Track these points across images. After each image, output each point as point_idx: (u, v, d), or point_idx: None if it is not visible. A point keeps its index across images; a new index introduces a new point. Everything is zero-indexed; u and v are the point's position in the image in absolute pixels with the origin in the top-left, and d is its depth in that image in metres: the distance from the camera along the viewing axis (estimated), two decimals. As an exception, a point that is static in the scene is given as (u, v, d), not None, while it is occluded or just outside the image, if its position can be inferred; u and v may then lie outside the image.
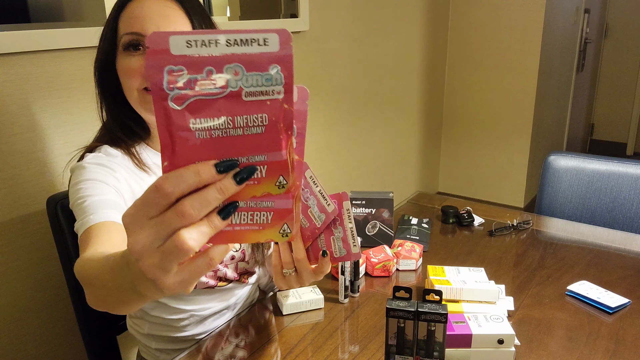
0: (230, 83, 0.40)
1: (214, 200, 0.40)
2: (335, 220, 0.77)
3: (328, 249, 0.78)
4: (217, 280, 1.00)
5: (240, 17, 1.80)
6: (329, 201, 0.76)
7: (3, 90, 1.18)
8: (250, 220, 0.43)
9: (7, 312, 1.25)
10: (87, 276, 0.67)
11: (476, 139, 3.43)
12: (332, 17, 2.26)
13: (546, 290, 1.11)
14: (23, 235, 1.25)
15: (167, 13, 0.88)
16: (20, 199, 1.24)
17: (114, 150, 0.94)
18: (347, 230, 0.77)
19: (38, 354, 1.32)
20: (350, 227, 0.77)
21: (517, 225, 1.42)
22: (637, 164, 1.57)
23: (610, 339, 0.95)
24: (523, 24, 3.08)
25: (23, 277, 1.26)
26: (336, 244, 0.78)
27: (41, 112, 1.25)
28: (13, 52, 1.18)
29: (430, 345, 0.81)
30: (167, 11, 0.88)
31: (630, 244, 1.33)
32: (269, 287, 1.19)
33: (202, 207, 0.40)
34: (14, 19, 1.17)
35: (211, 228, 0.41)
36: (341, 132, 2.49)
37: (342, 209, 0.76)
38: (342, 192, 0.76)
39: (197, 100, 0.40)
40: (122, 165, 0.92)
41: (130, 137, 0.96)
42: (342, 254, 0.78)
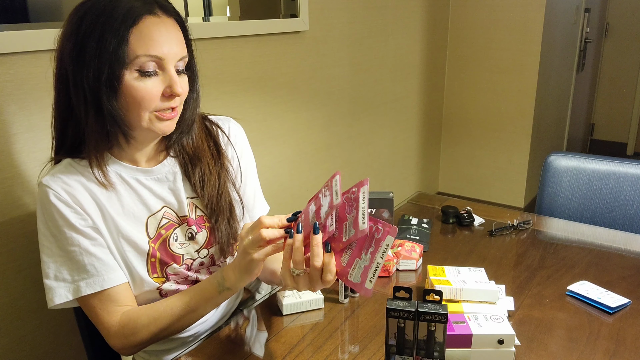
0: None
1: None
2: (370, 247, 0.75)
3: (347, 267, 0.77)
4: (189, 284, 1.01)
5: (240, 17, 1.80)
6: (365, 220, 0.74)
7: (3, 90, 1.18)
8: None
9: (7, 312, 1.25)
10: (162, 322, 0.92)
11: (476, 139, 3.43)
12: (331, 17, 2.26)
13: (546, 291, 1.11)
14: (23, 235, 1.25)
15: (178, 37, 0.89)
16: (20, 199, 1.24)
17: (76, 165, 0.93)
18: (373, 262, 0.75)
19: (38, 354, 1.32)
20: (378, 263, 0.74)
21: (517, 225, 1.42)
22: (637, 164, 1.57)
23: (610, 339, 0.95)
24: (523, 24, 3.08)
25: (23, 277, 1.26)
26: (356, 268, 0.76)
27: (41, 112, 1.25)
28: (13, 52, 1.18)
29: (430, 346, 0.81)
30: (177, 34, 0.89)
31: (631, 244, 1.33)
32: (254, 287, 1.19)
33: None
34: (13, 19, 1.17)
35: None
36: (341, 133, 2.49)
37: (382, 242, 0.74)
38: (393, 227, 0.74)
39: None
40: (83, 185, 0.92)
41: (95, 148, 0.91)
42: (355, 280, 0.76)
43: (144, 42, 0.85)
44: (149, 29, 0.85)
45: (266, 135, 2.04)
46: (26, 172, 1.24)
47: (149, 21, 0.85)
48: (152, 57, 0.85)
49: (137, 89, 0.86)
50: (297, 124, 2.19)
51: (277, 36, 1.98)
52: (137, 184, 0.97)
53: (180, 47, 0.89)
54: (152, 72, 0.86)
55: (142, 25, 0.85)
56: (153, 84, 0.87)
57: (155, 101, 0.88)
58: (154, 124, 0.90)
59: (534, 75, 3.12)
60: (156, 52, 0.85)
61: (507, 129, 3.29)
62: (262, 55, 1.93)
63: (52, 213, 0.90)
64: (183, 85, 0.90)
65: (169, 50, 0.87)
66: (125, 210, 0.96)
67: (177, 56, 0.88)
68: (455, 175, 3.58)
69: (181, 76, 0.91)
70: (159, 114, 0.89)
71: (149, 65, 0.86)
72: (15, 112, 1.21)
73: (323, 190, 0.78)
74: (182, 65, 0.91)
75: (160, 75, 0.88)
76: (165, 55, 0.86)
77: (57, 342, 1.36)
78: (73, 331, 1.38)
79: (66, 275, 0.91)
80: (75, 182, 0.92)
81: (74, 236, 0.90)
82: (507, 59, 3.18)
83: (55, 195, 0.90)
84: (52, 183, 0.90)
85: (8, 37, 1.16)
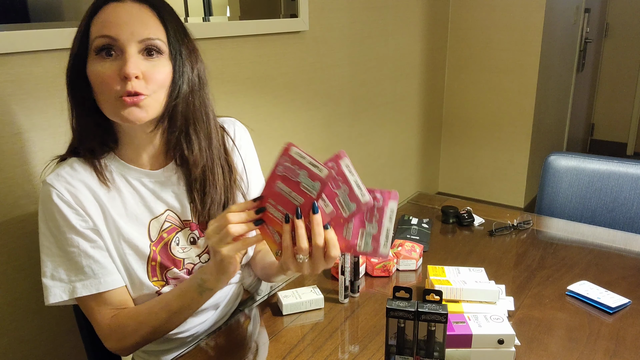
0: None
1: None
2: (373, 215, 0.75)
3: (353, 240, 0.76)
4: None
5: (240, 17, 1.80)
6: (364, 192, 0.73)
7: (4, 90, 1.18)
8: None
9: (7, 312, 1.25)
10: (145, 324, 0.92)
11: (476, 139, 3.43)
12: (331, 17, 2.26)
13: (546, 291, 1.11)
14: (23, 235, 1.25)
15: (142, 19, 0.87)
16: (20, 199, 1.24)
17: (81, 165, 0.93)
18: (382, 229, 0.74)
19: (38, 354, 1.32)
20: (388, 228, 0.74)
21: (517, 225, 1.42)
22: (637, 164, 1.57)
23: (610, 339, 0.95)
24: (523, 24, 3.08)
25: (23, 277, 1.26)
26: (364, 238, 0.76)
27: (41, 112, 1.25)
28: (13, 52, 1.18)
29: (430, 346, 0.81)
30: (142, 17, 0.87)
31: (631, 244, 1.33)
32: (253, 287, 1.19)
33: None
34: (13, 19, 1.17)
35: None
36: (341, 133, 2.49)
37: (386, 208, 0.74)
38: (393, 191, 0.73)
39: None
40: (87, 185, 0.92)
41: (100, 147, 0.94)
42: (368, 250, 0.75)
43: (99, 26, 0.85)
44: (106, 13, 0.86)
45: (266, 136, 2.04)
46: (27, 172, 1.24)
47: (110, 7, 0.86)
48: (104, 37, 0.84)
49: (95, 72, 0.85)
50: (297, 124, 2.19)
51: (277, 36, 1.98)
52: (141, 186, 0.97)
53: (143, 28, 0.86)
54: (108, 53, 0.85)
55: (102, 12, 0.86)
56: (109, 65, 0.85)
57: (114, 84, 0.84)
58: (118, 111, 0.86)
59: (534, 75, 3.12)
60: (108, 31, 0.84)
61: (507, 129, 3.29)
62: (262, 56, 1.93)
63: (53, 213, 0.90)
64: (144, 68, 0.85)
65: (125, 30, 0.84)
66: (128, 212, 0.96)
67: (137, 36, 0.85)
68: (455, 175, 3.58)
69: (148, 60, 0.86)
70: (120, 99, 0.85)
71: (103, 46, 0.84)
72: (15, 112, 1.21)
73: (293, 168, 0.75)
74: (154, 49, 0.87)
75: (119, 58, 0.85)
76: (118, 35, 0.84)
77: (57, 342, 1.36)
78: (73, 331, 1.38)
79: (63, 275, 0.91)
80: (79, 182, 0.92)
81: (73, 237, 0.90)
82: (507, 59, 3.18)
83: (58, 195, 0.89)
84: (56, 182, 0.90)
85: (8, 37, 1.16)
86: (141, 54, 0.86)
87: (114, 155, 0.96)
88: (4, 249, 1.22)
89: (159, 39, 0.87)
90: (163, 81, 0.88)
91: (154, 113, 0.89)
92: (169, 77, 0.90)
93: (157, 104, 0.89)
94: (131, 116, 0.86)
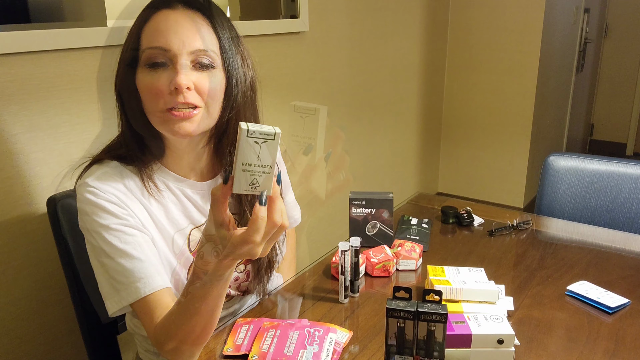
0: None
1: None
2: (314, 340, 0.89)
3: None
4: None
5: (240, 18, 1.80)
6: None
7: (4, 90, 1.18)
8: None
9: (7, 312, 1.25)
10: (185, 321, 0.80)
11: (476, 140, 3.43)
12: (331, 18, 2.26)
13: (546, 291, 1.11)
14: (23, 235, 1.25)
15: (194, 28, 0.83)
16: (20, 199, 1.24)
17: (124, 168, 0.90)
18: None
19: (38, 354, 1.32)
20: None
21: (517, 225, 1.43)
22: (637, 164, 1.57)
23: (610, 339, 0.95)
24: (523, 25, 3.08)
25: (23, 277, 1.26)
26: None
27: (42, 113, 1.26)
28: (13, 52, 1.18)
29: (430, 345, 0.81)
30: (194, 26, 0.83)
31: (630, 244, 1.33)
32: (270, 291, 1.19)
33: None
34: (14, 19, 1.17)
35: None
36: (341, 133, 2.49)
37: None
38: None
39: None
40: (130, 189, 0.89)
41: (146, 156, 0.91)
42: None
43: (150, 35, 0.82)
44: (157, 21, 0.83)
45: (266, 136, 2.04)
46: (27, 172, 1.25)
47: (160, 15, 0.83)
48: (155, 48, 0.81)
49: (145, 83, 0.83)
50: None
51: (277, 37, 1.98)
52: (183, 196, 0.95)
53: (195, 40, 0.82)
54: (159, 64, 0.82)
55: (152, 20, 0.83)
56: (159, 76, 0.82)
57: (163, 96, 0.82)
58: (168, 124, 0.83)
59: (533, 75, 3.12)
60: (159, 43, 0.81)
61: (507, 130, 3.29)
62: (262, 56, 1.93)
63: (102, 212, 0.85)
64: (196, 80, 0.82)
65: (176, 40, 0.81)
66: (170, 219, 0.93)
67: (189, 47, 0.82)
68: (455, 175, 3.58)
69: (199, 71, 0.83)
70: (170, 113, 0.82)
71: (154, 58, 0.82)
72: (16, 112, 1.21)
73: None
74: (206, 60, 0.84)
75: (170, 70, 0.82)
76: (170, 46, 0.81)
77: (57, 342, 1.36)
78: (73, 331, 1.38)
79: (106, 288, 0.86)
80: (123, 185, 0.88)
81: (113, 239, 0.85)
82: (507, 60, 3.18)
83: (105, 198, 0.85)
84: (99, 184, 0.86)
85: (9, 37, 1.16)
86: (193, 66, 0.83)
87: (160, 165, 0.93)
88: (4, 249, 1.22)
89: (212, 50, 0.84)
90: (216, 93, 0.85)
91: (205, 126, 0.86)
92: (223, 88, 0.86)
93: (210, 117, 0.86)
94: (182, 130, 0.83)
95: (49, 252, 1.30)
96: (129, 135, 0.89)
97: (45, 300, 1.32)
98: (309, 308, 1.07)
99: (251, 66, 0.93)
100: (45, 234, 1.29)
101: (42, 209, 1.28)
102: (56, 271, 1.32)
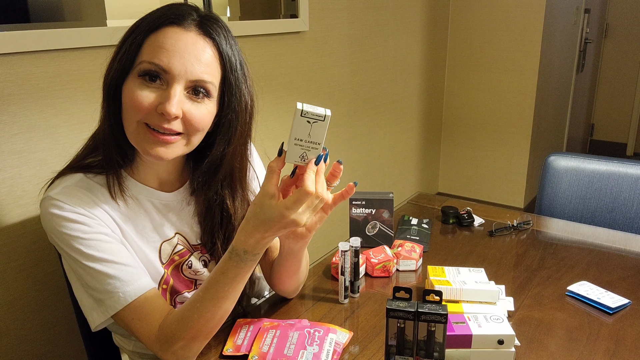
0: None
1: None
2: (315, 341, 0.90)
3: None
4: None
5: (240, 18, 1.80)
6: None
7: (3, 90, 1.18)
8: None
9: (7, 312, 1.25)
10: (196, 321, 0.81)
11: (476, 140, 3.43)
12: (331, 18, 2.26)
13: (546, 291, 1.11)
14: (23, 235, 1.25)
15: (202, 57, 0.80)
16: (20, 199, 1.24)
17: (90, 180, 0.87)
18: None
19: (38, 354, 1.32)
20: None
21: (517, 225, 1.42)
22: (637, 164, 1.57)
23: (610, 339, 0.95)
24: (523, 25, 3.08)
25: (23, 277, 1.26)
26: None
27: (41, 112, 1.25)
28: (13, 52, 1.18)
29: (430, 346, 0.81)
30: (203, 55, 0.80)
31: (631, 244, 1.33)
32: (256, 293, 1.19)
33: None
34: (14, 19, 1.17)
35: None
36: (341, 133, 2.49)
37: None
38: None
39: None
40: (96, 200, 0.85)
41: (115, 163, 0.87)
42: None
43: (153, 49, 0.78)
44: (165, 37, 0.79)
45: (266, 136, 2.04)
46: (26, 173, 1.24)
47: (170, 31, 0.79)
48: (155, 65, 0.77)
49: (132, 93, 0.78)
50: (297, 124, 2.19)
51: (277, 36, 1.98)
52: (152, 207, 0.92)
53: (199, 67, 0.79)
54: (154, 79, 0.78)
55: (161, 33, 0.79)
56: (149, 93, 0.78)
57: (145, 111, 0.78)
58: (142, 142, 0.80)
59: (533, 75, 3.12)
60: (161, 62, 0.77)
61: (507, 130, 3.29)
62: (262, 56, 1.93)
63: (60, 228, 0.83)
64: (186, 109, 0.79)
65: (180, 64, 0.78)
66: (139, 232, 0.91)
67: (190, 75, 0.79)
68: (455, 175, 3.58)
69: (192, 100, 0.80)
70: (148, 129, 0.79)
71: (150, 72, 0.78)
72: (15, 112, 1.21)
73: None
74: (203, 90, 0.81)
75: (162, 90, 0.79)
76: (171, 68, 0.77)
77: (57, 342, 1.36)
78: (73, 331, 1.38)
79: (86, 300, 0.85)
80: (89, 198, 0.85)
81: (88, 250, 0.82)
82: (507, 60, 3.18)
83: (70, 209, 0.82)
84: (64, 197, 0.83)
85: (9, 37, 1.16)
86: (187, 92, 0.80)
87: (125, 174, 0.90)
88: (4, 249, 1.22)
89: (211, 83, 0.81)
90: (202, 125, 0.83)
91: (180, 153, 0.84)
92: (210, 120, 0.84)
93: (188, 145, 0.84)
94: (154, 153, 0.80)
95: (49, 252, 1.30)
96: (107, 133, 0.84)
97: (45, 300, 1.32)
98: (309, 308, 1.07)
99: (251, 94, 0.90)
100: (45, 234, 1.29)
101: (42, 209, 1.27)
102: (56, 271, 1.32)
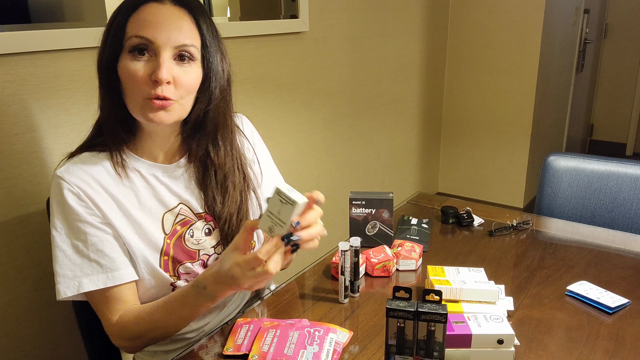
0: None
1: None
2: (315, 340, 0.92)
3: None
4: None
5: (240, 18, 1.80)
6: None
7: (4, 90, 1.18)
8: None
9: (7, 312, 1.25)
10: (147, 326, 0.91)
11: (476, 140, 3.43)
12: (332, 18, 2.27)
13: (546, 291, 1.11)
14: (23, 235, 1.25)
15: (180, 24, 0.88)
16: (20, 199, 1.24)
17: (94, 157, 0.94)
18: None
19: (38, 354, 1.32)
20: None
21: (516, 225, 1.43)
22: (636, 164, 1.57)
23: (610, 339, 0.95)
24: (522, 25, 3.08)
25: (23, 277, 1.26)
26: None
27: (41, 113, 1.26)
28: (13, 52, 1.18)
29: (430, 345, 0.81)
30: (180, 22, 0.88)
31: (630, 244, 1.33)
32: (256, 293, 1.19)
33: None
34: (14, 19, 1.17)
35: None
36: (341, 133, 2.49)
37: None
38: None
39: None
40: (97, 179, 0.92)
41: (118, 140, 0.95)
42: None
43: (137, 25, 0.87)
44: (145, 13, 0.87)
45: (266, 136, 2.03)
46: (27, 173, 1.25)
47: (149, 7, 0.88)
48: (141, 38, 0.86)
49: (127, 69, 0.87)
50: (297, 125, 2.19)
51: (277, 37, 1.98)
52: (154, 180, 0.98)
53: (180, 34, 0.88)
54: (142, 52, 0.86)
55: (141, 10, 0.88)
56: (142, 66, 0.86)
57: (143, 85, 0.86)
58: (145, 112, 0.88)
59: (533, 75, 3.12)
60: (145, 33, 0.86)
61: (507, 130, 3.30)
62: (263, 56, 1.94)
63: (62, 205, 0.90)
64: (176, 74, 0.88)
65: (163, 34, 0.86)
66: (142, 205, 0.96)
67: (174, 42, 0.87)
68: (455, 175, 3.59)
69: (180, 65, 0.89)
70: (149, 101, 0.87)
71: (139, 45, 0.86)
72: (16, 113, 1.21)
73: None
74: (187, 54, 0.89)
75: (152, 60, 0.87)
76: (155, 38, 0.86)
77: (57, 342, 1.36)
78: (73, 331, 1.38)
79: (67, 271, 0.91)
80: (89, 176, 0.92)
81: (81, 231, 0.91)
82: (507, 60, 3.18)
83: (67, 188, 0.90)
84: (66, 175, 0.91)
85: (9, 37, 1.16)
86: (174, 59, 0.88)
87: (128, 150, 0.97)
88: (4, 249, 1.22)
89: (193, 45, 0.90)
90: (192, 87, 0.91)
91: (177, 117, 0.91)
92: (198, 82, 0.92)
93: (184, 108, 0.92)
94: (156, 118, 0.88)
95: (49, 252, 1.30)
96: (109, 110, 0.93)
97: (45, 300, 1.32)
98: (309, 308, 1.07)
99: (228, 62, 0.98)
100: (45, 234, 1.29)
101: (42, 209, 1.28)
102: (56, 271, 1.32)
